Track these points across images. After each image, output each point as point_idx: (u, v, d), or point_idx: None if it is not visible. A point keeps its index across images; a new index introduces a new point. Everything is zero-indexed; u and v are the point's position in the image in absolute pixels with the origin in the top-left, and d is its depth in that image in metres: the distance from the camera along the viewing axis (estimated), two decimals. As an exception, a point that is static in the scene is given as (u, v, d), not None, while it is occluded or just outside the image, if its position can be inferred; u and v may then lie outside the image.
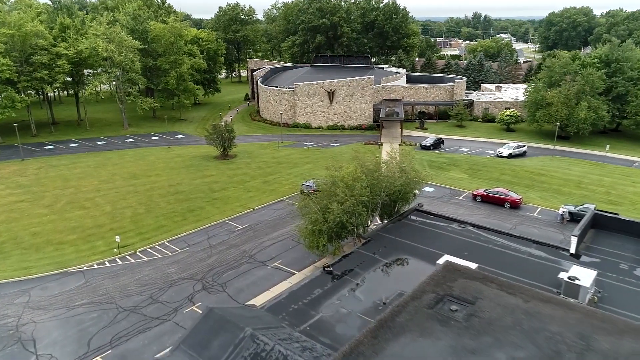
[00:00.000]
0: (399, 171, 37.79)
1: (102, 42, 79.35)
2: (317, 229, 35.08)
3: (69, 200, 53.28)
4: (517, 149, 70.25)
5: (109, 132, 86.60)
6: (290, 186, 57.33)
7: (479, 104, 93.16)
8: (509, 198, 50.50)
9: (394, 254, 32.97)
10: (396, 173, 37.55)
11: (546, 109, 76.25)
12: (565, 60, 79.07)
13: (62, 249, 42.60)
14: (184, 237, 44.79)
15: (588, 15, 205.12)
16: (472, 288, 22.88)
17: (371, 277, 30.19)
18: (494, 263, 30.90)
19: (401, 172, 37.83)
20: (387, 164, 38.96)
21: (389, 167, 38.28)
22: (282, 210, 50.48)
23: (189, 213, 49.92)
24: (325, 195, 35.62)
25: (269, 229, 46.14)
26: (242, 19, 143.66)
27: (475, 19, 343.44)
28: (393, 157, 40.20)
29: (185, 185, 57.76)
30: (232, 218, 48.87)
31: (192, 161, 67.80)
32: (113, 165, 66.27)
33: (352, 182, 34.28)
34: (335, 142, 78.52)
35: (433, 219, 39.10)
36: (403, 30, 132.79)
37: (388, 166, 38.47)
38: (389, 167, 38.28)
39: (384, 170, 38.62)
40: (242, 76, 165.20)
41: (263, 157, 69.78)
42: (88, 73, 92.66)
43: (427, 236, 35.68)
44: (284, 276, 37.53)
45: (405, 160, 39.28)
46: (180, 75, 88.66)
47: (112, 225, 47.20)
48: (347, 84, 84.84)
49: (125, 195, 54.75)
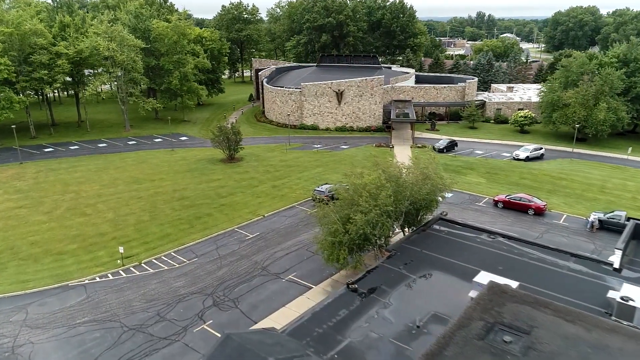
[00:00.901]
0: (423, 178, 35.20)
1: (103, 41, 76.74)
2: (337, 241, 32.57)
3: (69, 207, 50.71)
4: (535, 151, 67.68)
5: (111, 133, 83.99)
6: (301, 191, 54.76)
7: (490, 105, 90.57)
8: (533, 204, 47.93)
9: (422, 269, 30.38)
10: (421, 180, 34.94)
11: (563, 110, 73.66)
12: (582, 59, 76.48)
13: (62, 259, 40.03)
14: (192, 247, 42.23)
15: (595, 14, 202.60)
16: (525, 314, 20.29)
17: (400, 296, 27.61)
18: (533, 280, 28.31)
19: (425, 179, 35.26)
20: (410, 170, 36.35)
21: (413, 173, 35.69)
22: (294, 218, 47.90)
23: (195, 220, 47.35)
24: (346, 205, 33.04)
25: (281, 238, 43.57)
26: (246, 18, 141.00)
27: (478, 18, 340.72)
28: (416, 163, 37.59)
29: (191, 190, 55.18)
30: (242, 226, 46.29)
31: (197, 164, 65.21)
32: (115, 168, 63.68)
33: (376, 190, 31.70)
34: (344, 145, 75.94)
35: (459, 228, 36.52)
36: (410, 30, 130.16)
37: (412, 172, 35.88)
38: (413, 173, 35.69)
39: (406, 176, 36.08)
40: (246, 76, 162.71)
41: (271, 160, 67.19)
42: (89, 73, 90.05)
43: (456, 248, 33.09)
44: (300, 290, 34.96)
45: (429, 166, 36.70)
46: (184, 76, 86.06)
47: (115, 233, 44.64)
48: (356, 84, 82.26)
49: (128, 201, 52.18)
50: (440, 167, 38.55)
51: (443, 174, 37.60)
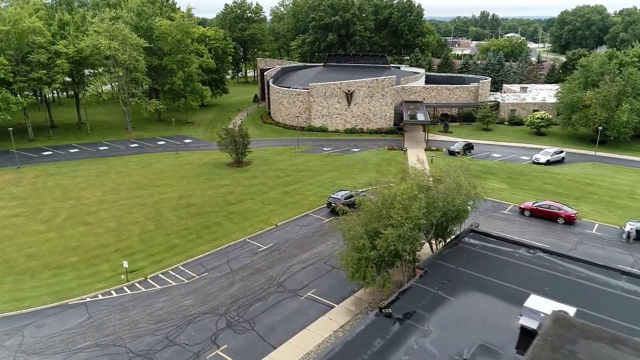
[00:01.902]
0: (455, 187, 32.27)
1: (104, 39, 73.74)
2: (363, 257, 29.62)
3: (69, 215, 47.72)
4: (555, 155, 64.79)
5: (112, 136, 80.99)
6: (314, 198, 51.82)
7: (504, 106, 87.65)
8: (564, 213, 45.00)
9: (461, 290, 27.48)
10: (454, 190, 32.01)
11: (583, 112, 70.76)
12: (602, 59, 73.60)
13: (62, 274, 37.05)
14: (201, 260, 39.24)
15: (602, 13, 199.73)
16: (604, 355, 17.37)
17: (441, 322, 24.69)
18: (589, 304, 25.40)
19: (458, 187, 32.35)
20: (441, 178, 33.42)
21: (444, 181, 32.76)
22: (309, 227, 44.96)
23: (204, 230, 44.37)
24: (373, 217, 30.08)
25: (296, 250, 40.62)
26: (249, 17, 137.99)
27: (482, 18, 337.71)
28: (447, 170, 34.69)
29: (198, 197, 52.21)
30: (254, 236, 43.31)
31: (203, 169, 62.25)
32: (117, 173, 60.70)
33: (408, 201, 28.75)
34: (355, 147, 73.01)
35: (494, 242, 33.64)
36: (418, 29, 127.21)
37: (443, 181, 32.94)
38: (444, 181, 32.76)
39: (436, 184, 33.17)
40: (249, 76, 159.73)
41: (280, 164, 64.24)
42: (89, 73, 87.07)
43: (494, 265, 30.19)
44: (321, 310, 31.99)
45: (461, 174, 33.79)
46: (188, 76, 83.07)
47: (118, 244, 41.67)
48: (366, 84, 79.32)
49: (132, 209, 49.20)
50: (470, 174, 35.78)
51: (475, 182, 34.68)
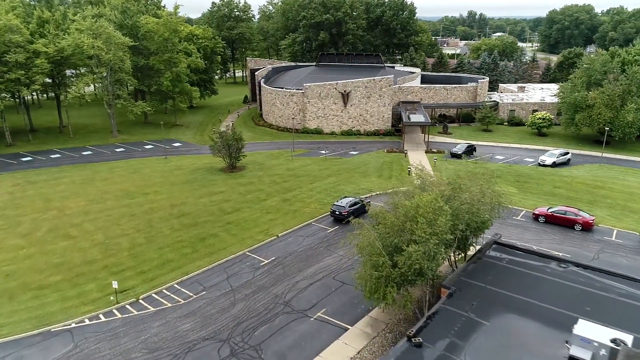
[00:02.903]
0: (482, 196, 29.54)
1: (87, 38, 69.69)
2: (383, 275, 26.65)
3: (51, 227, 43.95)
4: (561, 156, 62.74)
5: (96, 140, 76.84)
6: (316, 205, 48.77)
7: (504, 106, 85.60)
8: (581, 219, 42.67)
9: (494, 313, 24.70)
10: (480, 200, 29.27)
11: (586, 112, 68.88)
12: (604, 57, 71.83)
13: (43, 296, 33.45)
14: (198, 277, 35.94)
15: (590, 13, 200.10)
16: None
17: (480, 353, 21.84)
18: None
19: (483, 196, 29.66)
20: (463, 186, 30.60)
21: (469, 190, 29.96)
22: (313, 238, 41.90)
23: (199, 243, 41.02)
24: (394, 231, 27.12)
25: (301, 264, 37.55)
26: (237, 15, 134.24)
27: (470, 17, 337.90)
28: (472, 178, 31.97)
29: (191, 206, 48.78)
30: (254, 249, 40.12)
31: (195, 174, 58.75)
32: (102, 180, 56.89)
33: (433, 214, 25.89)
34: (353, 150, 70.14)
35: (520, 255, 30.98)
36: (411, 27, 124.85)
37: (467, 189, 30.13)
38: (469, 190, 29.96)
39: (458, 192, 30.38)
40: (237, 77, 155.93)
41: (276, 168, 61.04)
42: (71, 73, 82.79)
43: (525, 282, 27.49)
44: (334, 333, 28.99)
45: (485, 182, 31.10)
46: (177, 76, 79.32)
47: (106, 260, 38.13)
48: (363, 84, 76.49)
49: (119, 220, 45.60)
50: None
51: (499, 190, 32.03)
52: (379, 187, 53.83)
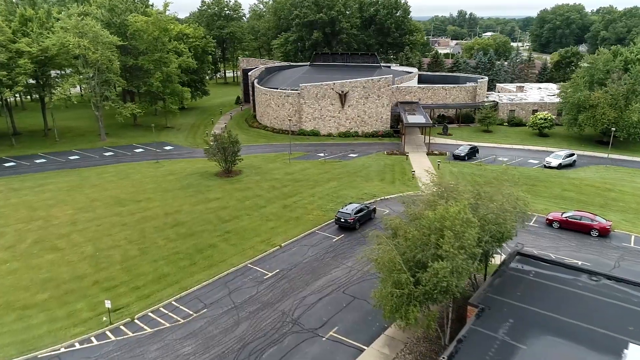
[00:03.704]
0: (507, 205, 27.39)
1: (72, 37, 66.46)
2: (405, 293, 24.37)
3: (36, 239, 41.01)
4: (567, 158, 61.14)
5: (83, 144, 73.57)
6: (319, 212, 46.38)
7: (503, 106, 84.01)
8: (597, 224, 40.84)
9: (531, 334, 22.53)
10: (507, 209, 27.12)
11: (590, 112, 67.44)
12: (607, 56, 70.50)
13: (29, 317, 30.65)
14: (197, 293, 33.34)
15: (581, 12, 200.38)
16: None
17: (521, 384, 19.63)
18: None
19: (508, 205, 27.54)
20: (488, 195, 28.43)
21: (495, 200, 27.78)
22: (318, 247, 39.51)
23: (197, 254, 38.40)
24: (417, 245, 24.84)
25: (308, 276, 35.14)
26: (227, 14, 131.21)
27: (460, 17, 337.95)
28: (497, 185, 29.85)
29: (186, 214, 46.08)
30: (256, 260, 37.61)
31: (190, 180, 56.00)
32: (91, 187, 53.89)
33: (461, 227, 23.67)
34: (352, 153, 67.88)
35: (547, 267, 28.90)
36: (406, 26, 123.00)
37: (495, 199, 27.94)
38: (495, 200, 27.78)
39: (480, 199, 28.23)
40: (228, 77, 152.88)
41: (274, 173, 58.52)
42: (56, 74, 79.38)
43: (557, 298, 25.39)
44: (350, 355, 26.66)
45: (511, 189, 29.00)
46: (167, 76, 76.35)
47: (97, 275, 35.37)
48: (361, 84, 74.27)
49: (110, 229, 42.79)
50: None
51: (524, 196, 29.93)
52: (382, 192, 51.64)
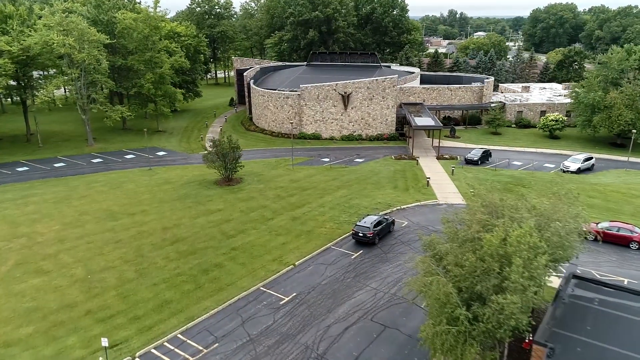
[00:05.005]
0: (572, 225, 23.91)
1: (56, 35, 61.66)
2: (462, 331, 20.67)
3: (19, 260, 36.53)
4: (586, 162, 58.17)
5: (69, 150, 68.70)
6: (332, 224, 42.54)
7: (511, 107, 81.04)
8: (638, 236, 37.74)
9: (618, 383, 18.97)
10: (572, 230, 23.63)
11: (605, 112, 64.67)
12: (620, 55, 67.83)
13: (11, 357, 26.34)
14: (206, 323, 29.26)
15: (574, 11, 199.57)
16: None
17: None
18: None
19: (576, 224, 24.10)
20: (548, 212, 24.87)
21: (560, 217, 24.22)
22: (337, 266, 35.68)
23: (202, 276, 34.29)
24: (473, 274, 21.15)
25: (329, 301, 31.30)
26: (218, 12, 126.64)
27: (451, 16, 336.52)
28: (557, 197, 26.42)
29: (186, 228, 41.91)
30: (269, 283, 33.63)
31: (187, 189, 51.73)
32: (80, 198, 49.32)
33: (527, 253, 20.06)
34: (358, 157, 64.15)
35: (610, 292, 25.41)
36: (403, 25, 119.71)
37: (550, 217, 24.39)
38: (560, 217, 24.22)
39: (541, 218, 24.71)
40: (219, 78, 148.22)
41: (278, 180, 54.53)
42: (39, 75, 74.28)
43: (635, 333, 21.91)
44: (390, 400, 22.89)
45: (570, 206, 25.53)
46: (160, 77, 71.81)
47: (89, 303, 31.11)
48: (365, 85, 70.60)
49: (103, 248, 38.46)
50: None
51: (585, 214, 26.49)
52: (397, 201, 48.02)
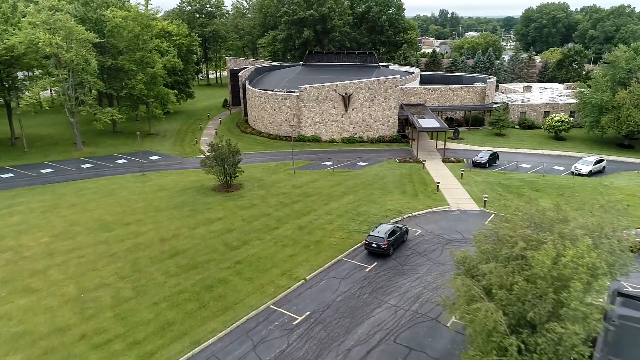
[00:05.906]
0: (627, 241, 21.66)
1: (43, 33, 58.38)
2: (509, 363, 18.29)
3: (4, 277, 33.50)
4: (597, 164, 56.45)
5: (57, 154, 65.32)
6: (341, 233, 40.03)
7: (514, 108, 79.27)
8: (668, 244, 35.63)
9: None
10: (626, 245, 21.39)
11: (613, 113, 63.07)
12: (628, 54, 66.29)
13: (-4, 393, 23.43)
14: (213, 348, 26.55)
15: (567, 11, 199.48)
16: None
17: None
18: None
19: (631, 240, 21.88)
20: (598, 226, 22.56)
21: (616, 233, 21.95)
22: (351, 280, 33.18)
23: (206, 293, 31.55)
24: (523, 299, 18.77)
25: (346, 320, 28.78)
26: (210, 11, 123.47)
27: (442, 16, 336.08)
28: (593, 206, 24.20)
29: (186, 239, 39.11)
30: (279, 300, 30.98)
31: (184, 196, 48.86)
32: (69, 207, 46.20)
33: (586, 276, 17.77)
34: (361, 161, 61.77)
35: (661, 312, 23.20)
36: (399, 24, 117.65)
37: (603, 232, 22.11)
38: (616, 233, 21.95)
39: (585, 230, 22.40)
40: (211, 78, 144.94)
41: (280, 186, 51.90)
42: (23, 76, 70.72)
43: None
44: None
45: (617, 219, 23.26)
46: (152, 78, 68.72)
47: (83, 326, 28.24)
48: (366, 85, 68.24)
49: (96, 262, 35.52)
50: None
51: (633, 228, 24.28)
52: (407, 207, 45.68)
